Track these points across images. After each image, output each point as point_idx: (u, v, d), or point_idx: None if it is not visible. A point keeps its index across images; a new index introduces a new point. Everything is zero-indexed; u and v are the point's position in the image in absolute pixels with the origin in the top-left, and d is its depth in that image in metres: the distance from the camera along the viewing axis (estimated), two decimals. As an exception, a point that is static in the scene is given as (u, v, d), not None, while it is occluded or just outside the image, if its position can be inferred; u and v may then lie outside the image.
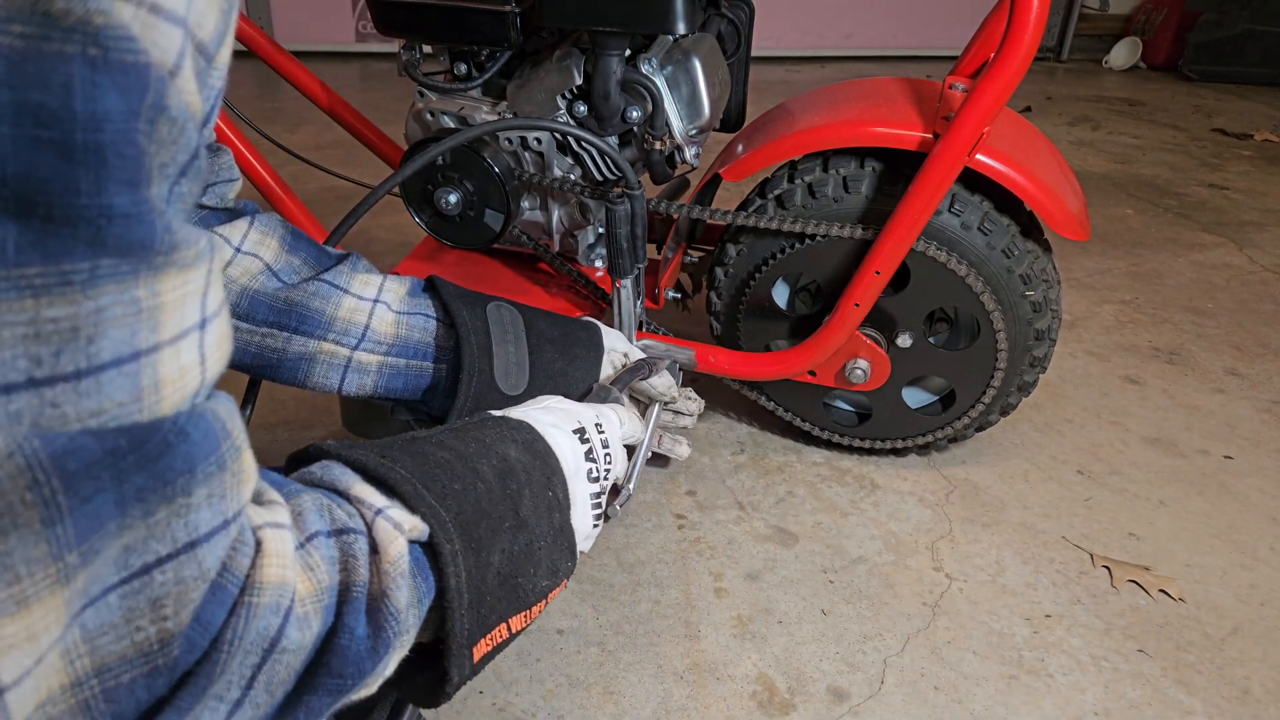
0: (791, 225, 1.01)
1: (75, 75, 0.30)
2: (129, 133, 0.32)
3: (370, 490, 0.53)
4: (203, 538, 0.37)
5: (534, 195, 1.10)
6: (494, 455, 0.62)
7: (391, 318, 0.79)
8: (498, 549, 0.57)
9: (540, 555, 0.61)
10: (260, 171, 1.14)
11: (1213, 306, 1.64)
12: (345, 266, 0.79)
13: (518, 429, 0.67)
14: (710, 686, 0.84)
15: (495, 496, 0.59)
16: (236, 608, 0.39)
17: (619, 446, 0.74)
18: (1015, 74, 0.85)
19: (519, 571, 0.59)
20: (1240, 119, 2.96)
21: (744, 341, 1.13)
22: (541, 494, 0.63)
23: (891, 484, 1.13)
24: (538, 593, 0.61)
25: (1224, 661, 0.89)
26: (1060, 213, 0.95)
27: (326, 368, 0.77)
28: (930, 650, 0.89)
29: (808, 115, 1.04)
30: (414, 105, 1.05)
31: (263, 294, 0.74)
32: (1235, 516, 1.10)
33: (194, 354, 0.38)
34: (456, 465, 0.59)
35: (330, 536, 0.48)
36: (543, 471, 0.64)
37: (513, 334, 0.82)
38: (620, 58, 0.96)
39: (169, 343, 0.36)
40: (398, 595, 0.48)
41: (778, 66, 3.57)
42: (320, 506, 0.49)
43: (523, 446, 0.65)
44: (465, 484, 0.58)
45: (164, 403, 0.35)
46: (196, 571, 0.37)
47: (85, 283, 0.32)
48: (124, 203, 0.32)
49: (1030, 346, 1.04)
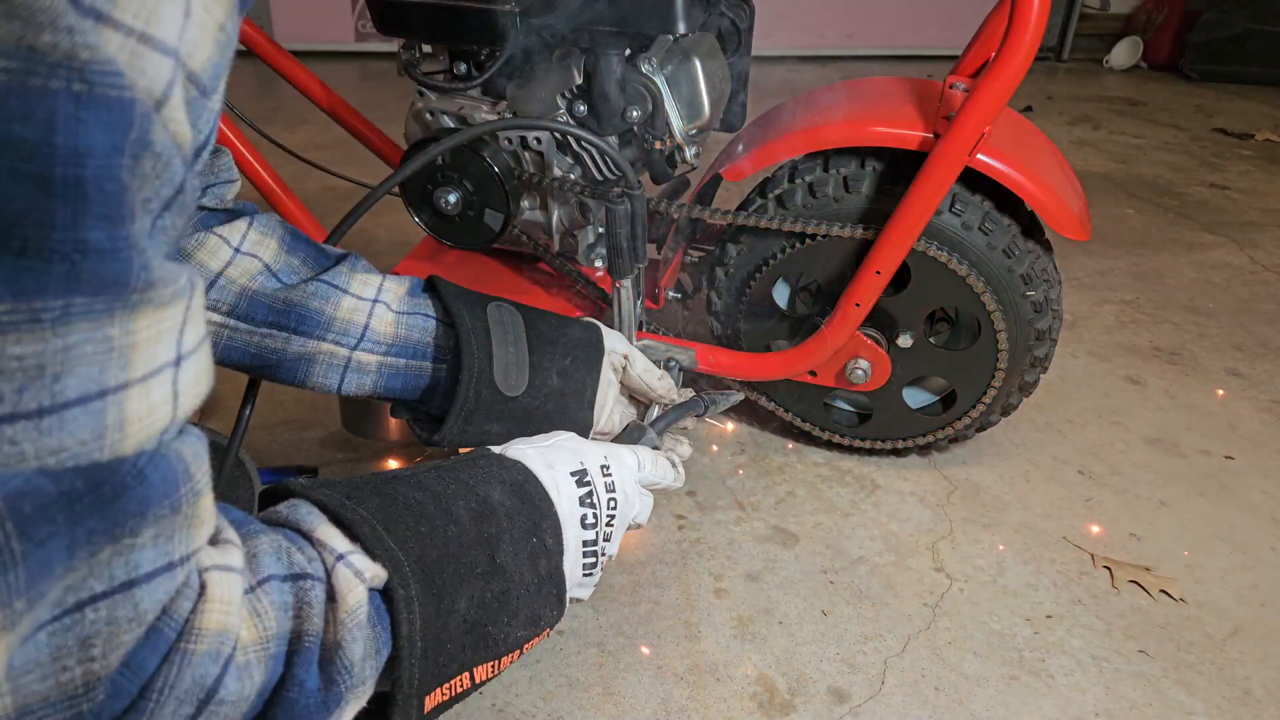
0: (792, 225, 1.00)
1: (59, 110, 0.30)
2: (111, 168, 0.32)
3: (335, 533, 0.51)
4: (142, 578, 0.36)
5: (534, 195, 1.10)
6: (474, 497, 0.60)
7: (391, 318, 0.79)
8: (465, 595, 0.55)
9: (518, 604, 0.59)
10: (260, 171, 1.14)
11: (1214, 306, 1.64)
12: (344, 267, 0.79)
13: (510, 468, 0.65)
14: (710, 687, 0.84)
15: (468, 540, 0.57)
16: (171, 654, 0.37)
17: (633, 489, 0.72)
18: (1016, 74, 0.85)
19: (490, 619, 0.57)
20: (1241, 119, 2.95)
21: (744, 342, 1.12)
22: (524, 539, 0.61)
23: (892, 484, 1.13)
24: (511, 642, 0.59)
25: (1225, 662, 0.89)
26: (1061, 213, 0.95)
27: (326, 368, 0.77)
28: (931, 651, 0.89)
29: (808, 115, 1.03)
30: (414, 105, 1.05)
31: (262, 294, 0.74)
32: (1236, 517, 1.09)
33: (165, 390, 0.37)
34: (428, 506, 0.57)
35: (286, 581, 0.46)
36: (530, 516, 0.62)
37: (513, 334, 0.81)
38: (620, 57, 0.96)
39: (139, 381, 0.35)
40: (352, 647, 0.46)
41: (778, 66, 3.57)
42: (279, 549, 0.47)
43: (510, 488, 0.63)
44: (433, 526, 0.56)
45: (127, 441, 0.35)
46: (131, 613, 0.35)
47: (56, 321, 0.31)
48: (100, 238, 0.32)
49: (1031, 346, 1.03)
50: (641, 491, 0.74)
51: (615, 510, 0.69)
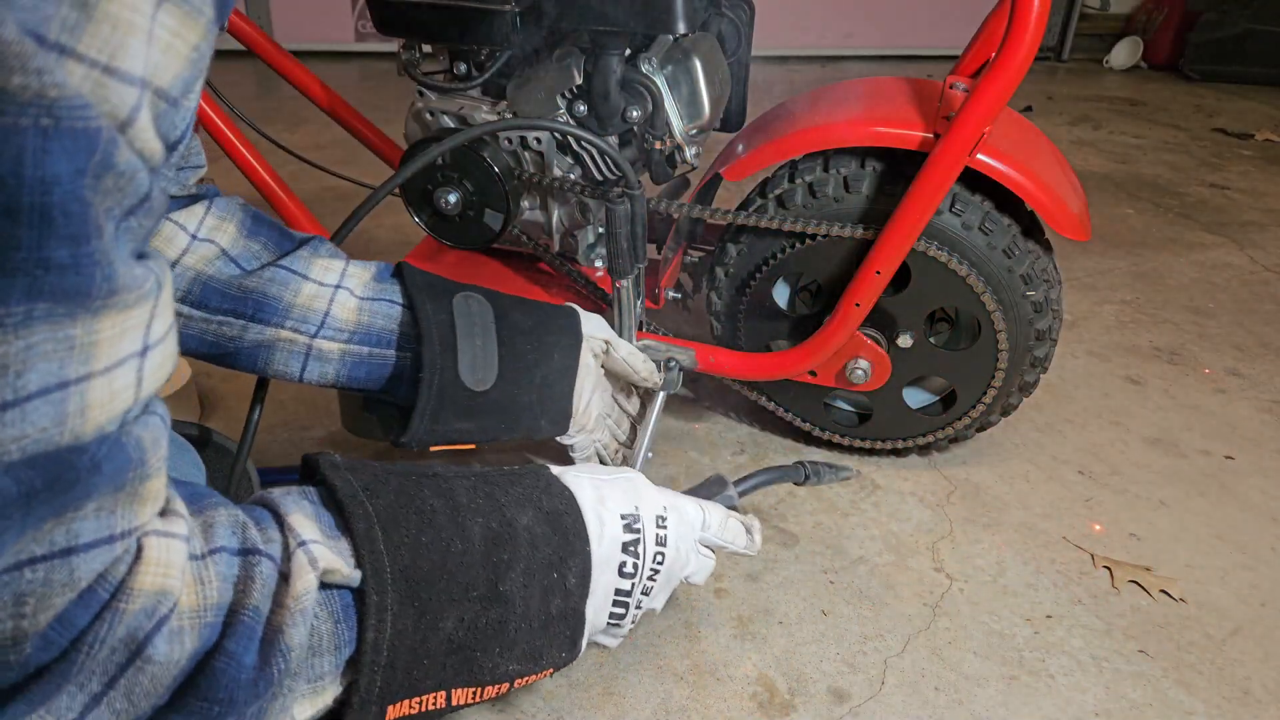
0: (792, 225, 1.00)
1: (28, 146, 0.31)
2: (75, 190, 0.33)
3: (307, 522, 0.50)
4: (81, 547, 0.37)
5: (534, 195, 1.10)
6: (498, 517, 0.58)
7: (354, 304, 0.76)
8: (453, 615, 0.54)
9: (515, 636, 0.57)
10: (260, 171, 1.14)
11: (1214, 306, 1.64)
12: (305, 251, 0.76)
13: (555, 495, 0.62)
14: (710, 687, 0.84)
15: (471, 562, 0.55)
16: (103, 611, 0.39)
17: (689, 546, 0.69)
18: (1016, 74, 0.85)
19: (479, 645, 0.55)
20: (1241, 119, 2.95)
21: (744, 342, 1.12)
22: (542, 573, 0.58)
23: (892, 484, 1.13)
24: (500, 674, 0.57)
25: (1225, 662, 0.89)
26: (1061, 213, 0.95)
27: (286, 355, 0.74)
28: (931, 651, 0.89)
29: (808, 115, 1.03)
30: (413, 105, 1.05)
31: (216, 280, 0.71)
32: (1236, 517, 1.09)
33: (130, 377, 0.38)
34: (440, 518, 0.55)
35: (235, 555, 0.46)
36: (557, 550, 0.59)
37: (480, 326, 0.77)
38: (620, 57, 0.96)
39: (101, 372, 0.36)
40: (292, 632, 0.45)
41: (778, 66, 3.57)
42: (235, 524, 0.47)
43: (545, 515, 0.60)
44: (437, 537, 0.54)
45: (88, 424, 0.36)
46: (66, 578, 0.37)
47: (18, 325, 0.33)
48: (63, 255, 0.33)
49: (1031, 347, 1.03)
50: (701, 551, 0.71)
51: (660, 565, 0.65)
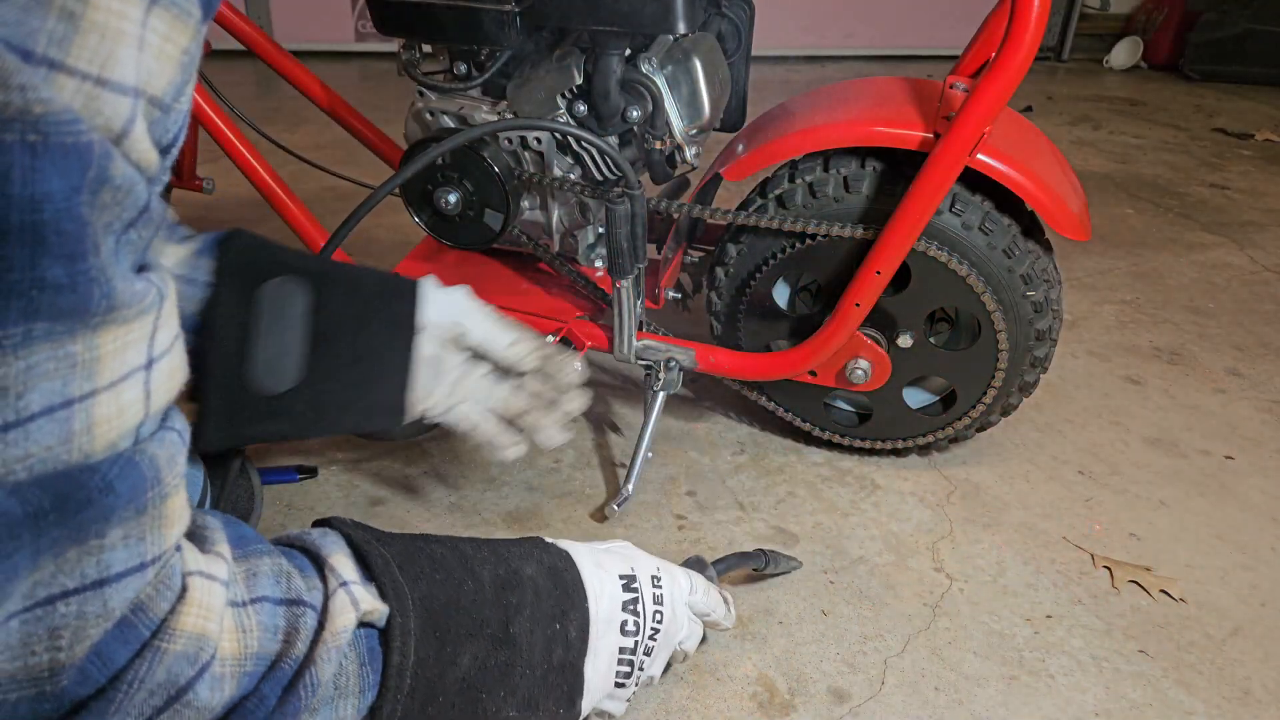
0: (792, 225, 1.00)
1: (14, 163, 0.30)
2: (71, 209, 0.32)
3: (347, 563, 0.50)
4: (114, 577, 0.37)
5: (534, 195, 1.10)
6: (504, 566, 0.58)
7: None
8: (469, 652, 0.54)
9: (519, 683, 0.56)
10: (260, 171, 1.14)
11: (1214, 306, 1.64)
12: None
13: (553, 555, 0.62)
14: (710, 687, 0.84)
15: (484, 600, 0.55)
16: (144, 649, 0.38)
17: (683, 610, 0.69)
18: (1016, 74, 0.85)
19: (487, 688, 0.55)
20: (1241, 119, 2.95)
21: (744, 342, 1.12)
22: (546, 623, 0.58)
23: (892, 484, 1.13)
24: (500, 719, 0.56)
25: (1225, 662, 0.89)
26: (1061, 213, 0.95)
27: None
28: (931, 651, 0.89)
29: (808, 115, 1.03)
30: (413, 105, 1.05)
31: None
32: (1236, 517, 1.09)
33: (137, 391, 0.37)
34: (450, 560, 0.56)
35: (280, 605, 0.46)
36: (558, 602, 0.59)
37: (289, 319, 0.68)
38: (620, 57, 0.96)
39: (106, 388, 0.36)
40: (324, 666, 0.45)
41: (778, 66, 3.57)
42: (279, 572, 0.47)
43: (546, 570, 0.60)
44: (449, 576, 0.55)
45: (96, 441, 0.35)
46: (100, 609, 0.36)
47: (17, 346, 0.32)
48: (59, 274, 0.32)
49: (1031, 347, 1.03)
50: (691, 617, 0.71)
51: (660, 625, 0.65)
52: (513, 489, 1.08)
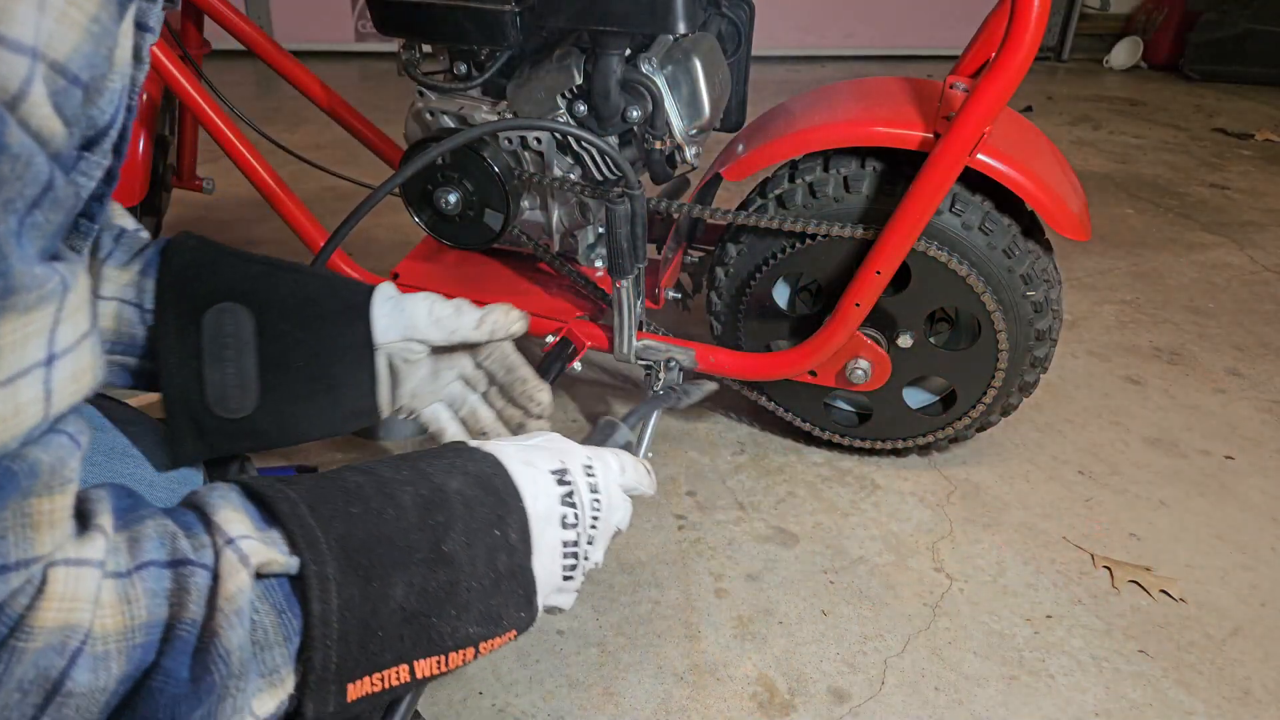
0: (792, 225, 1.00)
1: None
2: None
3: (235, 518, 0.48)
4: None
5: (534, 195, 1.10)
6: (426, 484, 0.56)
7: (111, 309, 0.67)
8: (401, 581, 0.52)
9: (469, 597, 0.55)
10: (260, 172, 1.14)
11: (1214, 306, 1.64)
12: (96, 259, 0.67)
13: (479, 460, 0.60)
14: (711, 687, 0.84)
15: (408, 525, 0.54)
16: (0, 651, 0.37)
17: (617, 493, 0.67)
18: (1016, 74, 0.85)
19: (433, 610, 0.53)
20: (1241, 118, 2.95)
21: (744, 342, 1.12)
22: (483, 532, 0.57)
23: (892, 484, 1.13)
24: (461, 638, 0.55)
25: (1225, 662, 0.89)
26: (1061, 213, 0.95)
27: None
28: (931, 651, 0.89)
29: (808, 115, 1.03)
30: (414, 105, 1.05)
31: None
32: (1236, 517, 1.09)
33: (35, 390, 0.36)
34: (367, 489, 0.54)
35: (166, 568, 0.44)
36: (492, 508, 0.58)
37: (234, 347, 0.68)
38: (620, 57, 0.96)
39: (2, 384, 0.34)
40: (229, 634, 0.43)
41: (778, 66, 3.57)
42: (164, 534, 0.45)
43: (473, 479, 0.59)
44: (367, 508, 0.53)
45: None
46: None
47: None
48: None
49: (1031, 346, 1.03)
50: (624, 496, 0.69)
51: (599, 511, 0.64)
52: (513, 489, 1.08)
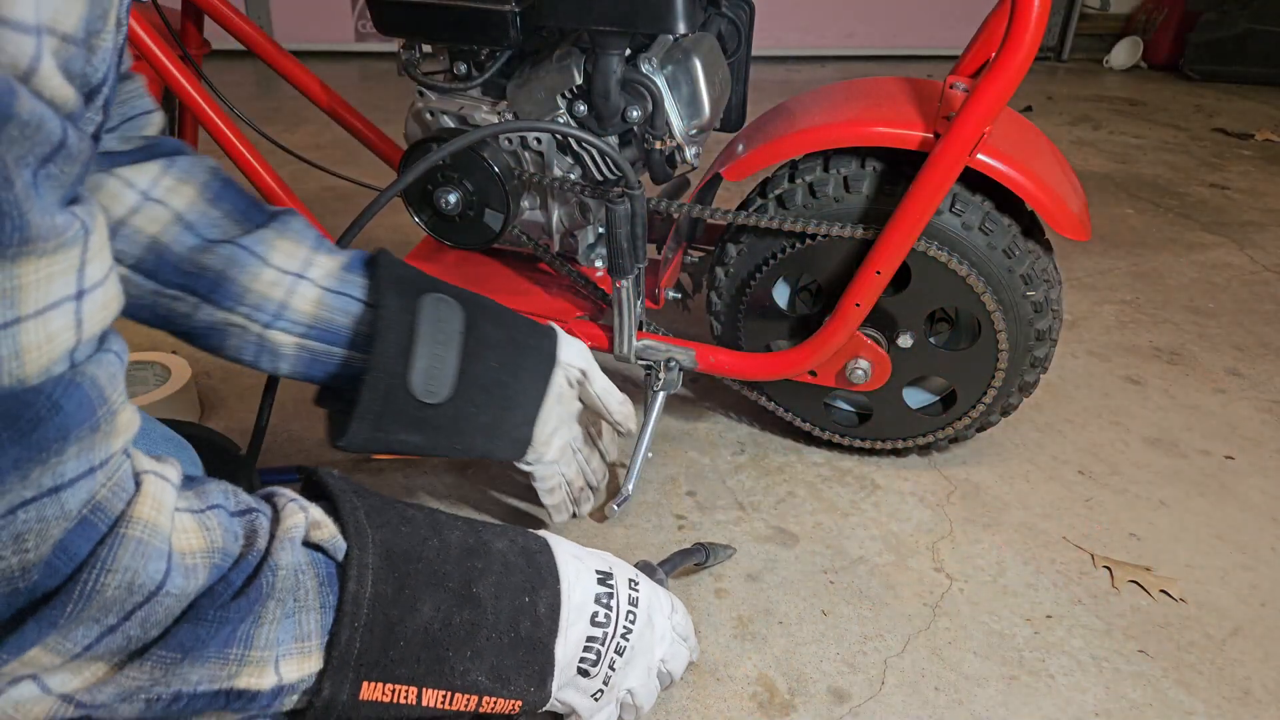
0: (792, 225, 1.00)
1: None
2: None
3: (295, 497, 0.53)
4: (67, 483, 0.39)
5: (534, 195, 1.10)
6: (473, 535, 0.59)
7: (314, 295, 0.71)
8: (430, 601, 0.54)
9: (485, 647, 0.56)
10: (260, 172, 1.14)
11: (1214, 306, 1.64)
12: (271, 231, 0.71)
13: (529, 537, 0.63)
14: (710, 687, 0.84)
15: (448, 558, 0.56)
16: (105, 539, 0.41)
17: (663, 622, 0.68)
18: (1016, 74, 0.85)
19: (452, 645, 0.55)
20: (1241, 119, 2.95)
21: (744, 342, 1.12)
22: (514, 592, 0.58)
23: (892, 484, 1.13)
24: (469, 684, 0.56)
25: (1225, 662, 0.89)
26: (1061, 213, 0.95)
27: (239, 342, 0.70)
28: (931, 651, 0.89)
29: (808, 115, 1.03)
30: (414, 105, 1.05)
31: (171, 252, 0.67)
32: (1236, 517, 1.09)
33: (66, 319, 0.39)
34: (419, 519, 0.57)
35: (234, 515, 0.49)
36: (528, 577, 0.59)
37: (445, 335, 0.72)
38: (620, 57, 0.96)
39: (32, 316, 0.37)
40: (281, 554, 0.48)
41: (778, 66, 3.57)
42: (226, 491, 0.50)
43: (519, 548, 0.61)
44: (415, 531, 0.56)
45: (27, 366, 0.37)
46: (58, 511, 0.39)
47: None
48: None
49: (1031, 347, 1.03)
50: (676, 638, 0.70)
51: (633, 627, 0.64)
52: (512, 490, 1.08)
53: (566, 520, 0.95)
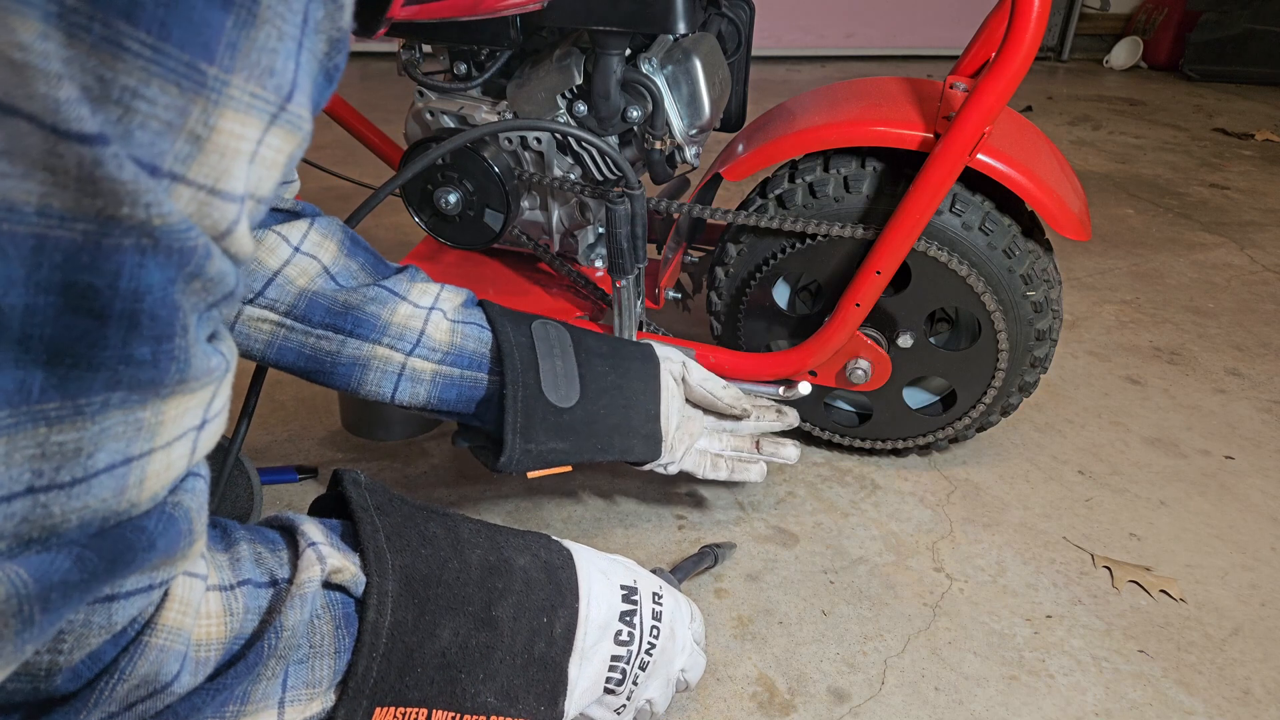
0: (792, 225, 1.00)
1: (126, 262, 0.33)
2: (166, 297, 0.35)
3: (317, 530, 0.52)
4: (122, 595, 0.39)
5: (534, 195, 1.10)
6: (495, 553, 0.59)
7: (447, 325, 0.79)
8: (449, 626, 0.55)
9: (498, 669, 0.57)
10: (260, 171, 1.14)
11: (1214, 306, 1.64)
12: (404, 276, 0.79)
13: (554, 551, 0.64)
14: (710, 687, 0.84)
15: (468, 580, 0.56)
16: (129, 647, 0.41)
17: (684, 633, 0.70)
18: (1016, 74, 0.85)
19: (465, 667, 0.55)
20: (1241, 119, 2.95)
21: (744, 342, 1.12)
22: (532, 614, 0.59)
23: (892, 484, 1.13)
24: (479, 705, 0.56)
25: (1225, 662, 0.89)
26: (1061, 213, 0.95)
27: (380, 374, 0.76)
28: (931, 651, 0.89)
29: (808, 115, 1.03)
30: (414, 105, 1.05)
31: (321, 296, 0.74)
32: (1236, 517, 1.09)
33: (186, 448, 0.40)
34: (441, 539, 0.57)
35: (262, 588, 0.48)
36: (548, 596, 0.60)
37: (559, 348, 0.81)
38: (620, 57, 0.96)
39: (163, 447, 0.38)
40: (289, 614, 0.47)
41: (778, 66, 3.57)
42: (256, 557, 0.50)
43: (541, 564, 0.61)
44: (436, 554, 0.56)
45: (144, 492, 0.38)
46: (105, 621, 0.39)
47: (95, 412, 0.34)
48: (144, 353, 0.35)
49: (1031, 347, 1.03)
50: (695, 645, 0.72)
51: (657, 642, 0.65)
52: (513, 489, 1.08)
53: (759, 479, 0.99)
